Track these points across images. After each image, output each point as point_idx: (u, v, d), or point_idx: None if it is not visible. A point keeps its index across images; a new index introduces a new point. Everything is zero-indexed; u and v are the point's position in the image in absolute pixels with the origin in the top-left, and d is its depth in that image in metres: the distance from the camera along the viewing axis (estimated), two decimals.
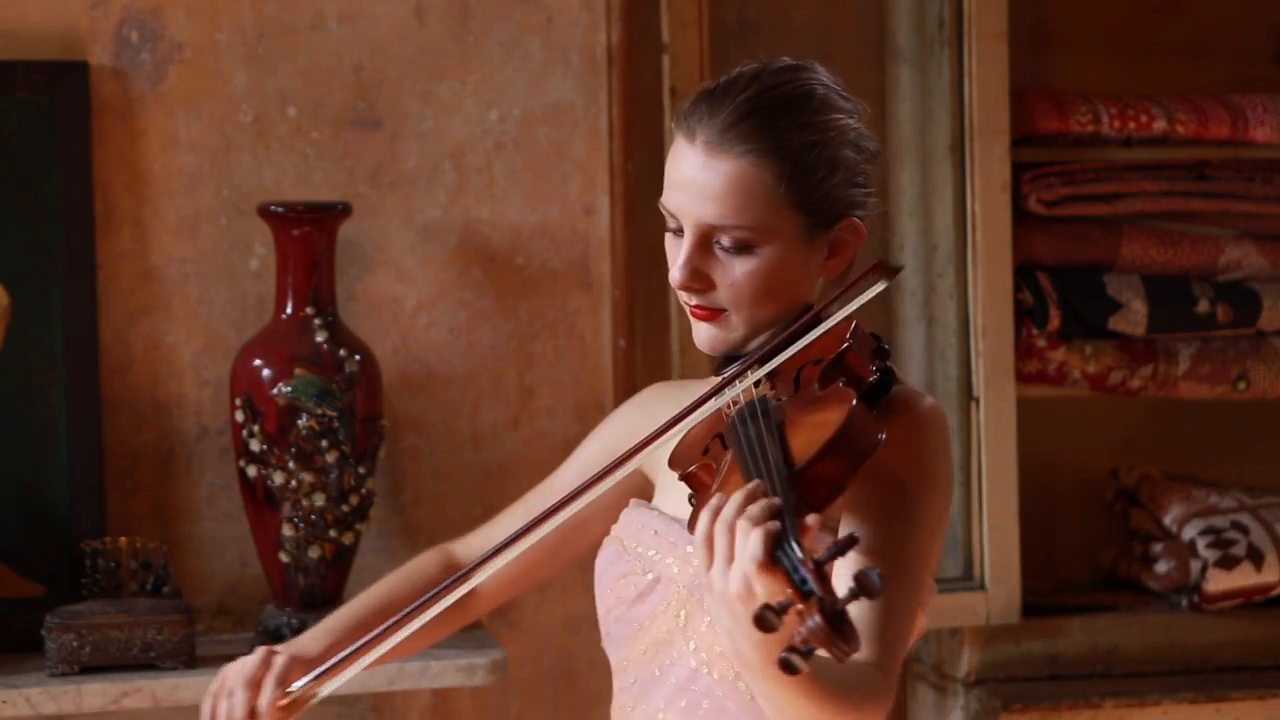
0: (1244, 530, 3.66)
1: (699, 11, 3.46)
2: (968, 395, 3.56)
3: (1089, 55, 3.86)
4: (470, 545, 2.41)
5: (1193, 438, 3.93)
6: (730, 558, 1.80)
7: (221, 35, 3.28)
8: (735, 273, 2.09)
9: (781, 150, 2.07)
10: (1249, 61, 3.92)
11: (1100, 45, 3.86)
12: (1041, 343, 3.57)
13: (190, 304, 3.28)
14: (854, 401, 1.92)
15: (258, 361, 3.10)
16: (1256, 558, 3.63)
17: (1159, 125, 3.58)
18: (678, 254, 2.12)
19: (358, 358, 3.12)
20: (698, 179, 2.08)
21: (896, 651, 1.96)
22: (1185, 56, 3.90)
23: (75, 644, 2.97)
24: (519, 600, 3.39)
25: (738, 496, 1.82)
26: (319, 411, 3.07)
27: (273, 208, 3.14)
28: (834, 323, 2.02)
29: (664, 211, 2.14)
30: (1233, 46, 3.92)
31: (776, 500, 1.82)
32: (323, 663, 2.21)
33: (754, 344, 2.13)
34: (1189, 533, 3.67)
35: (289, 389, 3.08)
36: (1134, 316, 3.59)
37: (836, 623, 1.69)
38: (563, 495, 2.13)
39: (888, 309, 3.82)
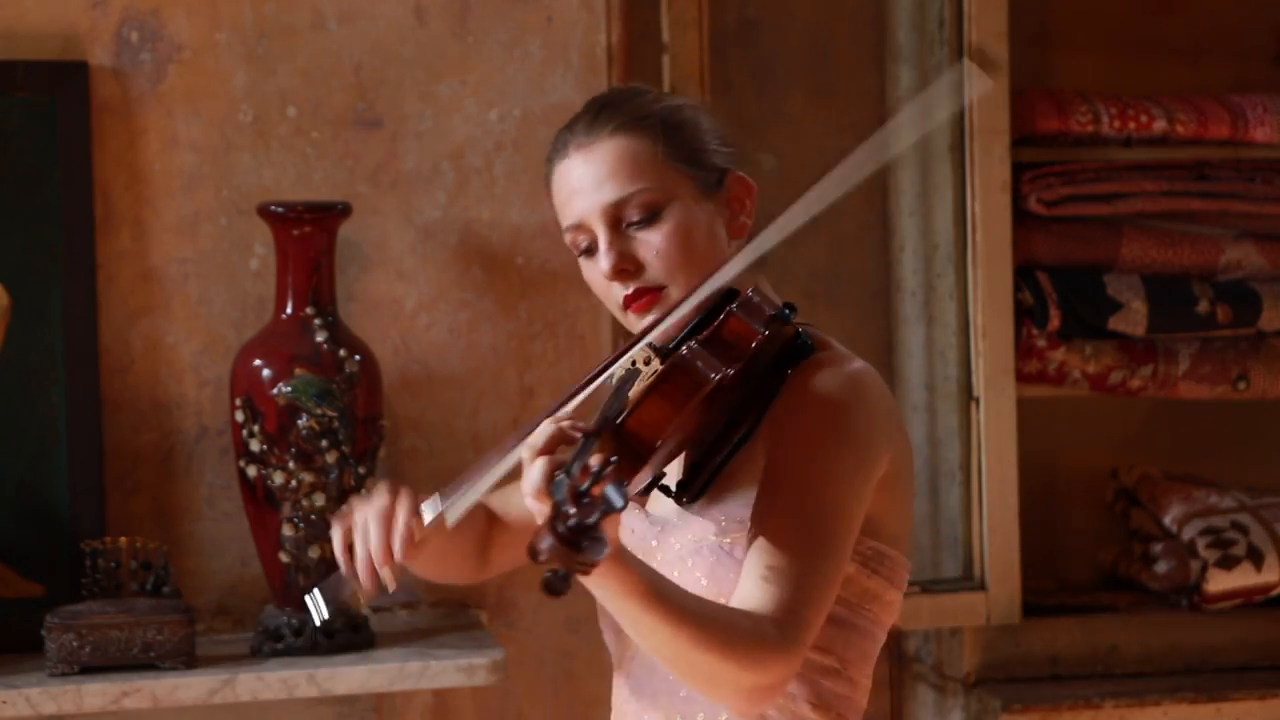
0: (1244, 530, 3.66)
1: (699, 11, 3.46)
2: (968, 395, 3.56)
3: (1089, 55, 3.86)
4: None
5: (1193, 438, 3.93)
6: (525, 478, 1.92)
7: (221, 35, 3.28)
8: (655, 242, 2.15)
9: (645, 119, 2.19)
10: (1249, 61, 3.92)
11: (1100, 45, 3.86)
12: (1041, 343, 3.56)
13: (190, 304, 3.28)
14: (683, 350, 2.02)
15: (258, 361, 3.10)
16: (1256, 558, 3.63)
17: (1159, 125, 3.58)
18: (597, 266, 2.18)
19: (358, 358, 3.12)
20: (585, 175, 2.18)
21: (799, 604, 1.98)
22: (1185, 56, 3.90)
23: (75, 644, 2.97)
24: (519, 600, 3.39)
25: (534, 433, 1.95)
26: (319, 411, 3.07)
27: (273, 208, 3.14)
28: (714, 286, 2.09)
29: (570, 238, 2.21)
30: (1233, 46, 3.91)
31: (554, 430, 1.94)
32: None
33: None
34: (1189, 533, 3.67)
35: (289, 389, 3.08)
36: (1134, 316, 3.58)
37: (570, 539, 1.78)
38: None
39: (888, 309, 3.82)
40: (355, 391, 3.10)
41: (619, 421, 1.98)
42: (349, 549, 2.17)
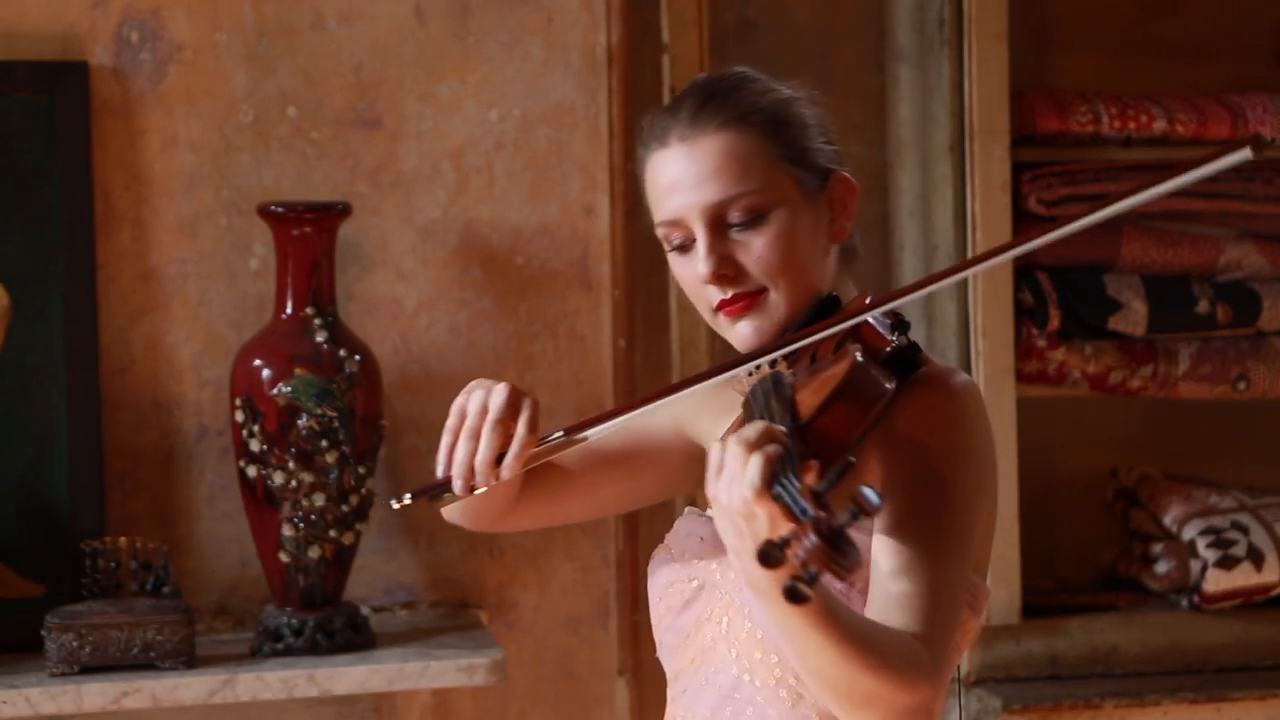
0: (1244, 530, 3.66)
1: (699, 11, 3.45)
2: None
3: (1089, 55, 3.85)
4: None
5: (1193, 438, 3.93)
6: (734, 478, 1.78)
7: (221, 35, 3.28)
8: (758, 247, 2.08)
9: (753, 113, 2.10)
10: (1249, 61, 3.92)
11: (1100, 45, 3.86)
12: (1041, 343, 3.56)
13: (190, 304, 3.28)
14: (857, 355, 1.95)
15: (258, 361, 3.11)
16: (1256, 558, 3.63)
17: (1159, 125, 3.58)
18: (691, 266, 2.10)
19: (358, 358, 3.12)
20: (688, 169, 2.09)
21: (941, 627, 1.92)
22: (1185, 56, 3.89)
23: (75, 644, 2.97)
24: (519, 600, 3.39)
25: (746, 428, 1.82)
26: (319, 411, 3.07)
27: (273, 208, 3.14)
28: (861, 319, 2.02)
29: (663, 233, 2.13)
30: (1233, 46, 3.91)
31: (782, 430, 1.82)
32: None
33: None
34: (1189, 533, 3.66)
35: (289, 389, 3.08)
36: (1134, 316, 3.58)
37: (834, 540, 1.69)
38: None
39: None
40: (355, 391, 3.10)
41: (804, 425, 1.89)
42: (452, 449, 2.08)
